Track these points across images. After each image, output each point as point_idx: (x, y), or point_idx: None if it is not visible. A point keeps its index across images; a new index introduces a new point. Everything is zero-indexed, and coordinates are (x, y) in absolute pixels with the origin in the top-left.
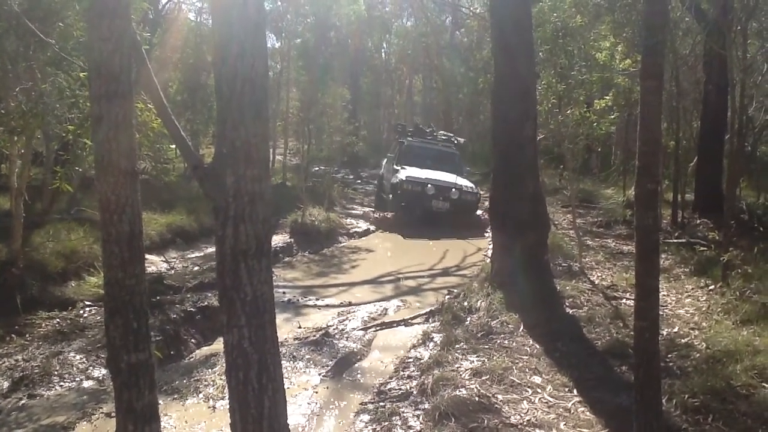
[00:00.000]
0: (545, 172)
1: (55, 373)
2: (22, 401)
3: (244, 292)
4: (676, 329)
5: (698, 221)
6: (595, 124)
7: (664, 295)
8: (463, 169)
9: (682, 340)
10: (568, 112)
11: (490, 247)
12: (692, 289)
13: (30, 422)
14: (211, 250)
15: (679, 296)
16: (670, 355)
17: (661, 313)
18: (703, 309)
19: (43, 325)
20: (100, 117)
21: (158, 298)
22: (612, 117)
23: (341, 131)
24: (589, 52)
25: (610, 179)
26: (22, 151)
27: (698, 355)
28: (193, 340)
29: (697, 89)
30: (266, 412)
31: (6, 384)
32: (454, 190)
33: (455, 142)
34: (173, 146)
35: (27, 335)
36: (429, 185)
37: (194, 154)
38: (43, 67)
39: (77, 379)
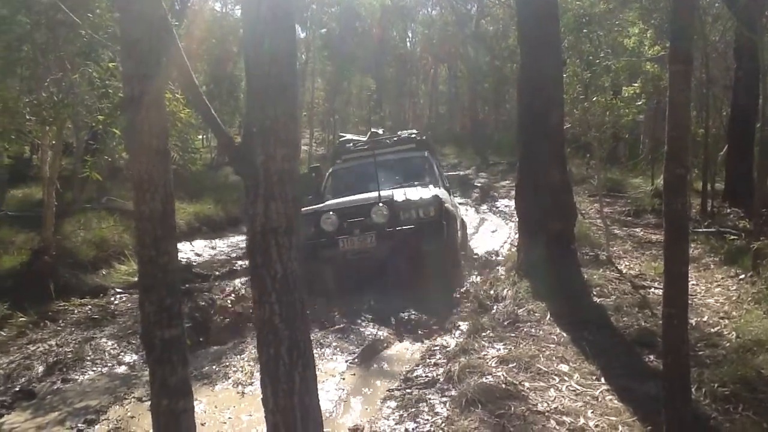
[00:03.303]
0: (572, 161)
1: (88, 358)
2: (57, 385)
3: (275, 270)
4: (705, 318)
5: (728, 210)
6: (622, 110)
7: (693, 284)
8: (441, 175)
9: (712, 329)
10: (594, 99)
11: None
12: (722, 278)
13: (64, 405)
14: (237, 238)
15: (709, 285)
16: (699, 345)
17: (690, 302)
18: (733, 298)
19: (76, 311)
20: (132, 98)
21: (187, 285)
22: (639, 104)
23: (366, 121)
24: (616, 39)
25: (638, 168)
26: (53, 141)
27: (728, 344)
28: None
29: (727, 76)
30: (297, 387)
31: (41, 368)
32: (380, 206)
33: (418, 138)
34: (200, 137)
35: (60, 321)
36: (328, 213)
37: (225, 132)
38: (73, 58)
39: (109, 364)
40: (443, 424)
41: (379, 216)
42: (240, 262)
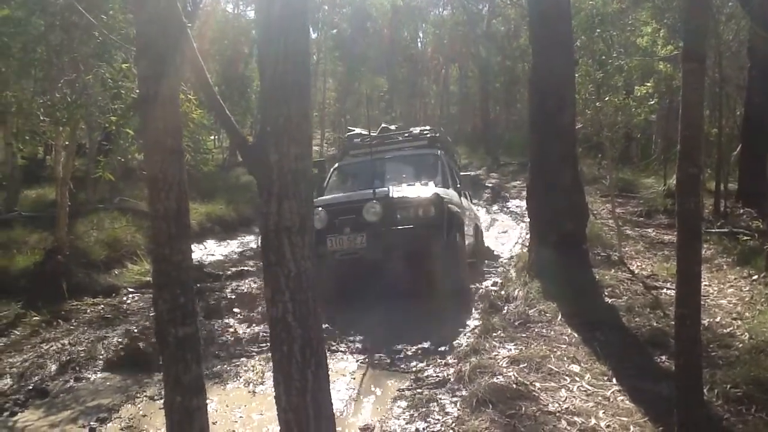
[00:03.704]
0: (584, 161)
1: (100, 357)
2: (69, 383)
3: (288, 268)
4: (717, 319)
5: (741, 210)
6: (634, 109)
7: (705, 285)
8: (453, 176)
9: (724, 330)
10: (607, 99)
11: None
12: (735, 279)
13: (77, 404)
14: (249, 238)
15: (721, 286)
16: (711, 345)
17: (702, 303)
18: (746, 299)
19: (89, 310)
20: (147, 97)
21: (198, 285)
22: (651, 103)
23: (378, 121)
24: (628, 39)
25: (650, 168)
26: (67, 142)
27: (741, 345)
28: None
29: (740, 75)
30: (309, 385)
31: (54, 367)
32: (373, 203)
33: (431, 136)
34: (212, 137)
35: (73, 320)
36: (317, 208)
37: (239, 132)
38: (86, 59)
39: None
40: (454, 424)
41: (372, 214)
42: (251, 262)
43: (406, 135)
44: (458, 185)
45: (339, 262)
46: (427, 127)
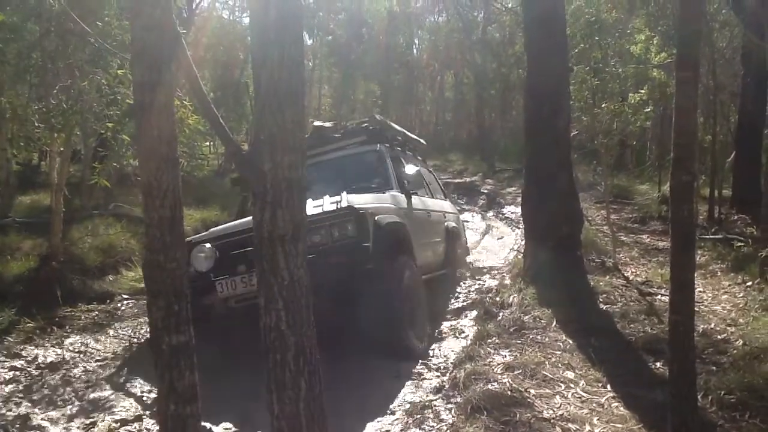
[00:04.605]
0: (579, 168)
1: None
2: None
3: (282, 276)
4: (712, 325)
5: (735, 217)
6: (630, 117)
7: (699, 291)
8: (400, 176)
9: (718, 336)
10: (603, 106)
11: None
12: (729, 285)
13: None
14: None
15: (716, 293)
16: (705, 351)
17: (696, 309)
18: (740, 305)
19: (83, 317)
20: (142, 105)
21: None
22: (647, 111)
23: None
24: (623, 46)
25: (644, 175)
26: (62, 148)
27: (735, 351)
28: None
29: (734, 83)
30: (302, 393)
31: None
32: None
33: (371, 128)
34: (207, 143)
35: (67, 327)
36: (203, 245)
37: (233, 140)
38: (81, 66)
39: None
40: (448, 431)
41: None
42: None
43: (342, 132)
44: (405, 184)
45: (232, 311)
46: (366, 119)
